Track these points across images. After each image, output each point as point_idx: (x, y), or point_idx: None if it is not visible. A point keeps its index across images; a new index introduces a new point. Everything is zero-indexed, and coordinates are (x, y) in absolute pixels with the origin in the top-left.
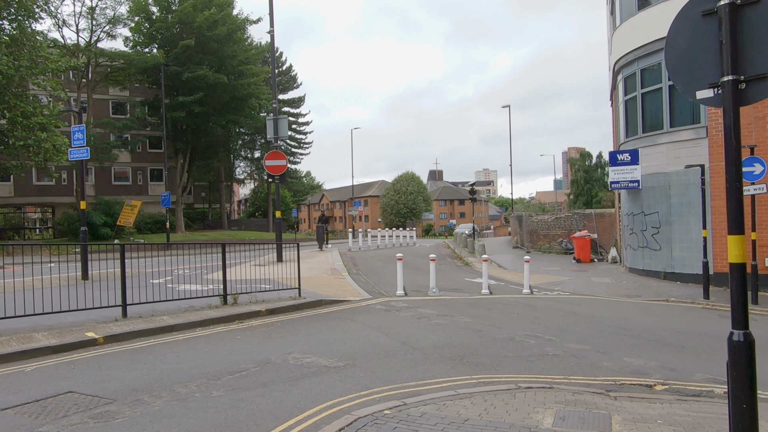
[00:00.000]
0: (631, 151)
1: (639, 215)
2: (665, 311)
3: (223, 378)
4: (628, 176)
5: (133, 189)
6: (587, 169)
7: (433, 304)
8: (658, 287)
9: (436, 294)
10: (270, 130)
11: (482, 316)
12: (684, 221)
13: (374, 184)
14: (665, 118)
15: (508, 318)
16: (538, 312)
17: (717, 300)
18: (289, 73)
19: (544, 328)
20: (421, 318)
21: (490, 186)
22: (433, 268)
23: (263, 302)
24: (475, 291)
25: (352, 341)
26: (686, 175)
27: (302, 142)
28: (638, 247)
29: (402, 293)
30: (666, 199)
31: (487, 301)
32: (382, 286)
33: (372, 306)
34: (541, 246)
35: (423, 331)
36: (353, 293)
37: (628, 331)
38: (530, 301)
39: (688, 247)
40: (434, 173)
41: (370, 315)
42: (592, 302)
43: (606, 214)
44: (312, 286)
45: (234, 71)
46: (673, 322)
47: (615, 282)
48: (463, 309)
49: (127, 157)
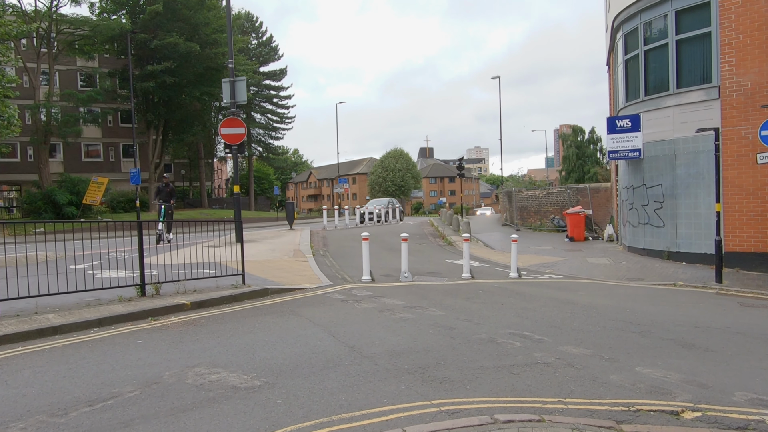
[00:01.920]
0: (632, 117)
1: (640, 188)
2: (675, 298)
3: (75, 411)
4: (628, 145)
5: (105, 166)
6: (579, 145)
7: (403, 293)
8: (661, 269)
9: (408, 279)
10: (226, 93)
11: (459, 307)
12: (691, 194)
13: (363, 162)
14: (671, 79)
15: (490, 310)
16: (527, 301)
17: (732, 284)
18: (269, 44)
19: (532, 324)
20: (384, 311)
21: (481, 164)
22: (405, 249)
23: (194, 292)
24: (455, 275)
25: (285, 346)
26: (695, 142)
27: (284, 117)
28: (639, 224)
29: (368, 279)
30: (671, 170)
31: (467, 288)
32: (348, 270)
33: (328, 295)
34: (532, 223)
35: (381, 329)
36: (311, 279)
37: (635, 326)
38: (518, 287)
39: (696, 223)
40: (425, 151)
41: (322, 307)
42: (588, 287)
43: (601, 188)
44: (265, 271)
45: (208, 40)
46: (688, 313)
47: (613, 263)
48: (438, 298)
49: (97, 132)
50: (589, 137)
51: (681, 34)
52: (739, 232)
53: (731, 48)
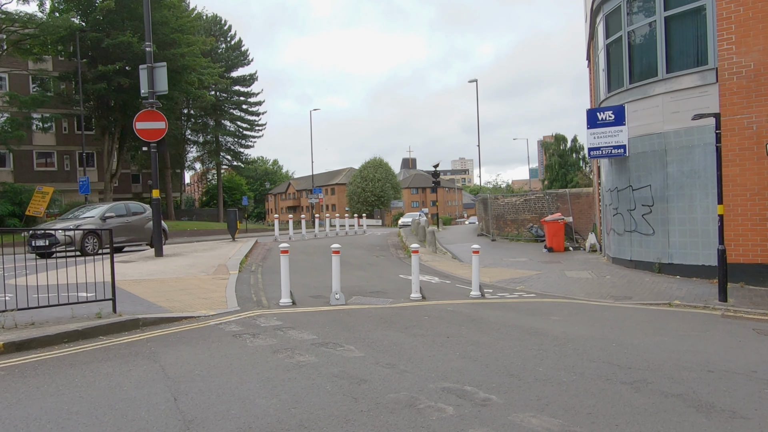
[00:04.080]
0: (616, 108)
1: (625, 190)
2: (673, 324)
3: None
4: (611, 140)
5: (60, 175)
6: (562, 153)
7: (323, 321)
8: (652, 284)
9: (340, 302)
10: (144, 82)
11: (387, 343)
12: (685, 196)
13: (342, 172)
14: (660, 62)
15: (429, 347)
16: (482, 332)
17: (739, 302)
18: (239, 48)
19: (481, 371)
20: (281, 351)
21: (465, 174)
22: (336, 264)
23: (28, 327)
24: (404, 295)
25: (86, 422)
26: (689, 134)
27: (255, 124)
28: (624, 232)
29: (288, 302)
30: (661, 168)
31: (410, 313)
32: (272, 291)
33: (221, 327)
34: (509, 233)
35: (258, 385)
36: (215, 303)
37: (626, 371)
38: (476, 310)
39: (691, 230)
40: (407, 161)
41: (198, 347)
42: (565, 309)
43: (583, 193)
44: (161, 293)
45: (166, 40)
46: (694, 348)
47: (596, 277)
48: (365, 329)
49: (50, 139)
50: (572, 145)
51: (670, 9)
52: (742, 240)
53: (730, 23)
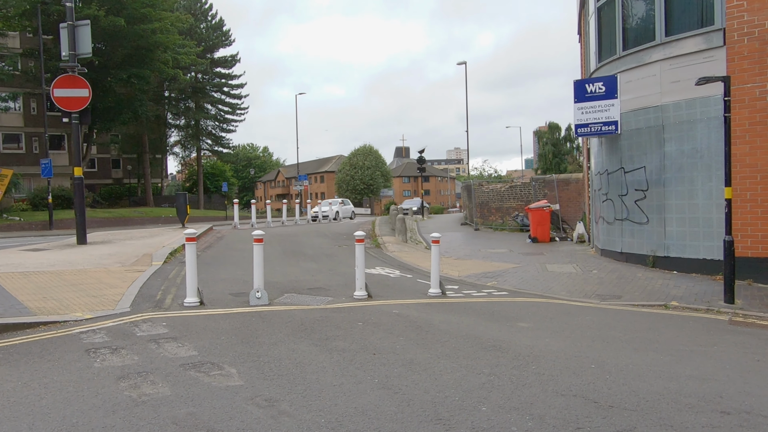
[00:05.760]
0: (607, 79)
1: (616, 173)
2: (671, 333)
3: None
4: (601, 116)
5: (28, 158)
6: (556, 142)
7: (224, 328)
8: (645, 280)
9: (261, 302)
10: (64, 42)
11: (288, 364)
12: (685, 179)
13: (331, 159)
14: (658, 24)
15: (342, 369)
16: (423, 346)
17: (748, 304)
18: (220, 28)
19: (398, 411)
20: (131, 377)
21: (459, 164)
22: (258, 256)
23: None
24: (349, 292)
25: None
26: (690, 107)
27: (237, 108)
28: (615, 220)
29: (194, 302)
30: (658, 147)
31: (342, 317)
32: (186, 287)
33: (82, 337)
34: (493, 222)
35: None
36: (104, 303)
37: (606, 413)
38: (428, 313)
39: (692, 218)
40: (401, 150)
41: (28, 365)
42: (539, 312)
43: (572, 180)
44: (47, 288)
45: (135, 15)
46: (700, 373)
47: (581, 271)
48: (272, 341)
49: (17, 120)
50: (566, 134)
51: None
52: (751, 230)
53: None
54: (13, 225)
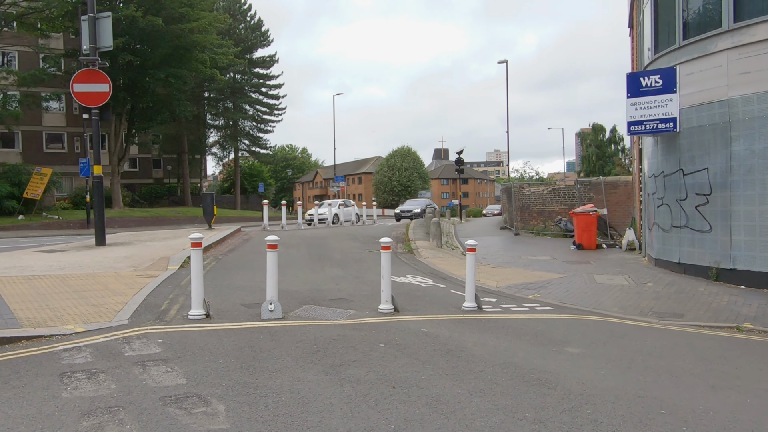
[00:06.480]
0: (665, 72)
1: (674, 175)
2: (750, 365)
3: None
4: (657, 112)
5: (70, 157)
6: (600, 144)
7: (225, 348)
8: (709, 296)
9: (274, 315)
10: (85, 36)
11: (288, 399)
12: (756, 182)
13: (369, 161)
14: (726, 9)
15: (352, 409)
16: (454, 376)
17: None
18: (259, 29)
19: None
20: (98, 413)
21: (499, 166)
22: (272, 264)
23: None
24: (374, 304)
25: None
26: (762, 101)
27: (274, 108)
28: (671, 227)
29: (200, 314)
30: (723, 147)
31: (364, 336)
32: (205, 295)
33: (63, 355)
34: (534, 226)
35: None
36: (103, 313)
37: None
38: (461, 333)
39: (763, 226)
40: (440, 152)
41: None
42: (588, 334)
43: (620, 182)
44: (46, 294)
45: (173, 14)
46: None
47: (634, 284)
48: (277, 366)
49: (60, 120)
50: (611, 136)
51: None
52: None
53: None
54: (51, 223)
